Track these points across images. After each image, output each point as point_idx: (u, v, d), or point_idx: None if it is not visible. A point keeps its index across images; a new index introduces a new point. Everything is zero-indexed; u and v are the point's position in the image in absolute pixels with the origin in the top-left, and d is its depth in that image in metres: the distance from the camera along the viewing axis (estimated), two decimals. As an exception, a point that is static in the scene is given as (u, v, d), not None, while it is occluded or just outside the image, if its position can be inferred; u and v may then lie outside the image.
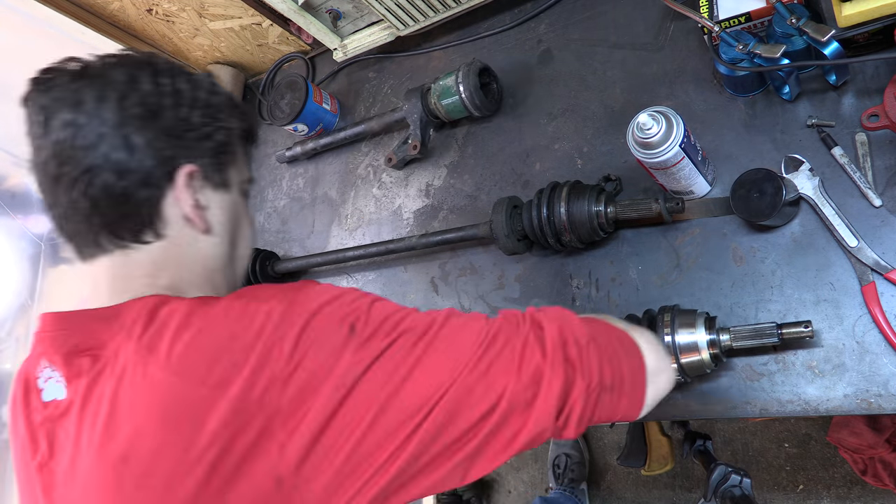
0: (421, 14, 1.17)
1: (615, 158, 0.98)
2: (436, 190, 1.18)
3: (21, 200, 1.72)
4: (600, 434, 1.86)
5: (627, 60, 1.01)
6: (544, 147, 1.06)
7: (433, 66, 1.26)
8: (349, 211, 1.29)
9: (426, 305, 1.12)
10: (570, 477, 1.76)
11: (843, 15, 0.70)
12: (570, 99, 1.06)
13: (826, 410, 0.75)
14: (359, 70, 1.39)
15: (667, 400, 0.85)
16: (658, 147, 0.77)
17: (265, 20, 1.37)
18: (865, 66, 0.81)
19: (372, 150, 1.31)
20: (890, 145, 0.78)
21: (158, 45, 1.49)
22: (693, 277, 0.87)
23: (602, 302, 0.94)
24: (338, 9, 1.26)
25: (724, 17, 0.83)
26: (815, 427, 1.57)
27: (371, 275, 1.22)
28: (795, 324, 0.73)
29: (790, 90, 0.82)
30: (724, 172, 0.88)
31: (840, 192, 0.79)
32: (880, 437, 1.32)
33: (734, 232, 0.86)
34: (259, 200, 1.46)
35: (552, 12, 1.12)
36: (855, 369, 0.74)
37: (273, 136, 1.50)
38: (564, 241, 0.92)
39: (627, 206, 0.87)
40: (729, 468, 1.16)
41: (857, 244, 0.76)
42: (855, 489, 1.50)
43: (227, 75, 1.53)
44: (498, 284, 1.05)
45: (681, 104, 0.94)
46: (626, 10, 1.04)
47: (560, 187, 0.91)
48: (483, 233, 1.00)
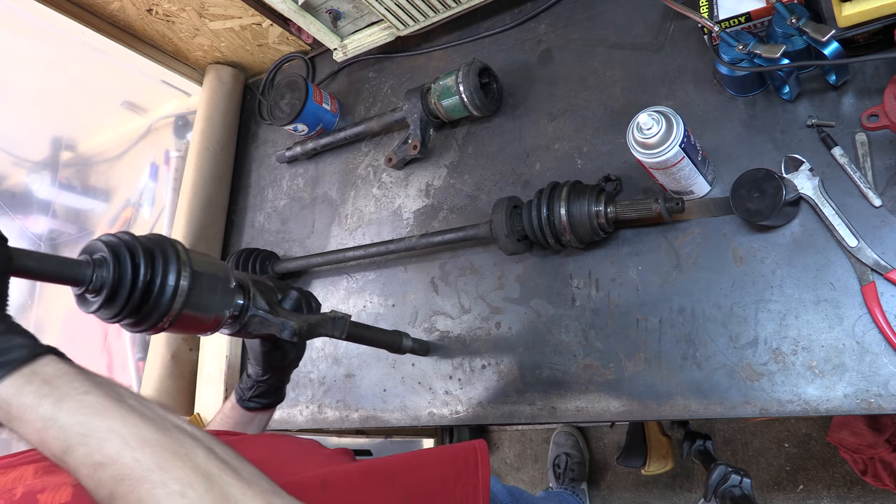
0: (421, 14, 1.17)
1: (615, 158, 0.98)
2: (436, 190, 1.18)
3: (21, 200, 1.72)
4: (600, 434, 1.86)
5: (627, 60, 1.01)
6: (544, 147, 1.07)
7: (433, 66, 1.26)
8: (349, 211, 1.29)
9: (426, 305, 1.12)
10: (571, 476, 1.76)
11: (843, 15, 0.70)
12: (570, 99, 1.06)
13: (826, 410, 0.75)
14: (359, 70, 1.39)
15: (667, 400, 0.85)
16: (658, 147, 0.77)
17: (265, 20, 1.37)
18: (865, 66, 0.81)
19: (372, 150, 1.31)
20: (890, 145, 0.78)
21: (158, 45, 1.49)
22: (693, 277, 0.87)
23: (602, 302, 0.94)
24: (338, 9, 1.26)
25: (724, 17, 0.83)
26: (815, 427, 1.57)
27: (371, 275, 1.22)
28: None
29: (790, 90, 0.82)
30: (724, 172, 0.88)
31: (840, 192, 0.79)
32: (880, 437, 1.32)
33: (734, 232, 0.86)
34: (259, 200, 1.46)
35: (552, 12, 1.12)
36: (855, 369, 0.74)
37: (273, 136, 1.50)
38: (564, 241, 0.92)
39: (627, 206, 0.87)
40: (729, 468, 1.16)
41: (857, 244, 0.76)
42: (855, 489, 1.50)
43: (227, 75, 1.53)
44: (498, 284, 1.05)
45: (681, 104, 0.94)
46: (626, 10, 1.04)
47: (560, 187, 0.91)
48: (483, 233, 1.00)
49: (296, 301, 0.76)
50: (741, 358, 0.81)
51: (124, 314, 0.55)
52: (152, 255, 0.57)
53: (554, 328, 0.97)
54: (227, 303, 0.64)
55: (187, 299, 0.58)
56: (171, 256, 0.57)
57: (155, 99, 1.70)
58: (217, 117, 1.48)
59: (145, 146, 1.74)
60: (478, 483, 0.82)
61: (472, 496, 0.81)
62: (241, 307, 0.66)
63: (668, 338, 0.87)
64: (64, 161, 1.77)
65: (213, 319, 0.62)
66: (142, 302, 0.56)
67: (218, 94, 1.50)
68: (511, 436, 2.02)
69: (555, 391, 0.95)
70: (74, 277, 0.53)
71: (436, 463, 0.81)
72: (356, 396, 1.16)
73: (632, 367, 0.89)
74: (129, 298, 0.55)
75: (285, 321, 0.69)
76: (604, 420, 0.92)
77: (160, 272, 0.56)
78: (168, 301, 0.57)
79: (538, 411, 0.96)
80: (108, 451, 0.40)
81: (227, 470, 0.42)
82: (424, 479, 0.76)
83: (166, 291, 0.56)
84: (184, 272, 0.58)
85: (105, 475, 0.39)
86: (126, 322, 0.56)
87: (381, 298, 1.18)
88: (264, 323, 0.68)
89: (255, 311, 0.67)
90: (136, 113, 1.74)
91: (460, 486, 0.80)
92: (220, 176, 1.46)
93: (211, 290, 0.61)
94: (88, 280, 0.53)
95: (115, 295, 0.54)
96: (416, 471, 0.77)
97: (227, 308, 0.63)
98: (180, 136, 1.68)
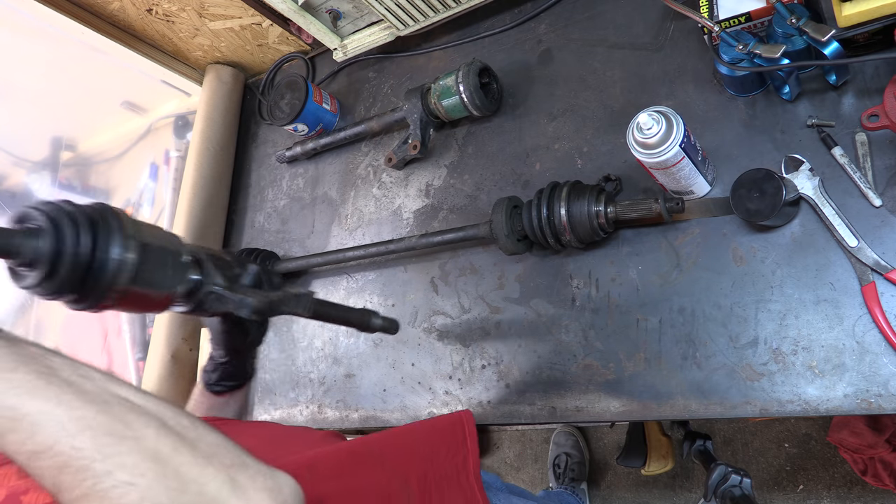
0: (421, 14, 1.17)
1: (615, 158, 0.98)
2: (436, 190, 1.18)
3: (21, 200, 1.72)
4: (600, 434, 1.86)
5: (627, 60, 1.01)
6: (544, 147, 1.06)
7: (433, 66, 1.26)
8: (349, 211, 1.29)
9: (426, 305, 1.12)
10: (571, 476, 1.76)
11: (843, 15, 0.70)
12: (570, 99, 1.06)
13: (826, 410, 0.75)
14: (359, 70, 1.39)
15: (667, 400, 0.85)
16: (658, 147, 0.77)
17: (265, 20, 1.37)
18: (865, 66, 0.81)
19: (372, 150, 1.31)
20: (890, 145, 0.78)
21: (158, 45, 1.49)
22: (693, 277, 0.87)
23: (602, 302, 0.94)
24: (338, 9, 1.26)
25: (724, 17, 0.83)
26: (815, 427, 1.57)
27: (371, 275, 1.22)
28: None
29: (790, 90, 0.82)
30: (724, 172, 0.88)
31: (840, 192, 0.79)
32: (880, 437, 1.32)
33: (734, 232, 0.86)
34: (259, 200, 1.46)
35: (552, 12, 1.12)
36: (855, 369, 0.74)
37: (273, 136, 1.50)
38: (564, 241, 0.92)
39: (627, 206, 0.87)
40: (729, 468, 1.16)
41: (857, 244, 0.76)
42: (855, 489, 1.50)
43: (227, 75, 1.53)
44: (498, 284, 1.05)
45: (681, 104, 0.94)
46: (626, 10, 1.04)
47: (560, 187, 0.91)
48: (483, 233, 1.00)
49: (255, 276, 0.70)
50: (741, 358, 0.81)
51: (65, 291, 0.50)
52: (94, 224, 0.51)
53: (554, 328, 0.97)
54: (179, 278, 0.58)
55: (135, 274, 0.52)
56: (113, 227, 0.52)
57: (155, 99, 1.70)
58: (217, 117, 1.48)
59: (145, 146, 1.74)
60: (467, 453, 0.82)
61: (463, 465, 0.81)
62: (195, 283, 0.61)
63: (668, 338, 0.87)
64: (64, 161, 1.78)
65: (165, 297, 0.57)
66: (84, 277, 0.50)
67: (218, 94, 1.50)
68: (511, 436, 2.02)
69: (555, 391, 0.95)
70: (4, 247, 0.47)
71: (425, 439, 0.81)
72: (356, 396, 1.16)
73: (632, 367, 0.89)
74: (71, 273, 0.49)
75: (244, 297, 0.63)
76: (604, 420, 0.92)
77: (104, 242, 0.51)
78: (111, 276, 0.51)
79: (538, 411, 0.96)
80: (43, 439, 0.35)
81: (181, 447, 0.38)
82: (414, 456, 0.75)
83: (109, 265, 0.51)
84: (130, 244, 0.52)
85: (43, 465, 0.35)
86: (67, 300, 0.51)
87: (381, 298, 1.18)
88: (221, 300, 0.63)
89: (210, 288, 0.62)
90: (136, 113, 1.74)
91: (450, 457, 0.80)
92: (220, 176, 1.46)
93: (161, 265, 0.56)
94: (18, 251, 0.47)
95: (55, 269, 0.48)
96: (406, 449, 0.76)
97: (178, 284, 0.58)
98: (180, 136, 1.68)
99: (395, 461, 0.72)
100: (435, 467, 0.76)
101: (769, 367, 0.79)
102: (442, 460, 0.78)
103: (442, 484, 0.76)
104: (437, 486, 0.75)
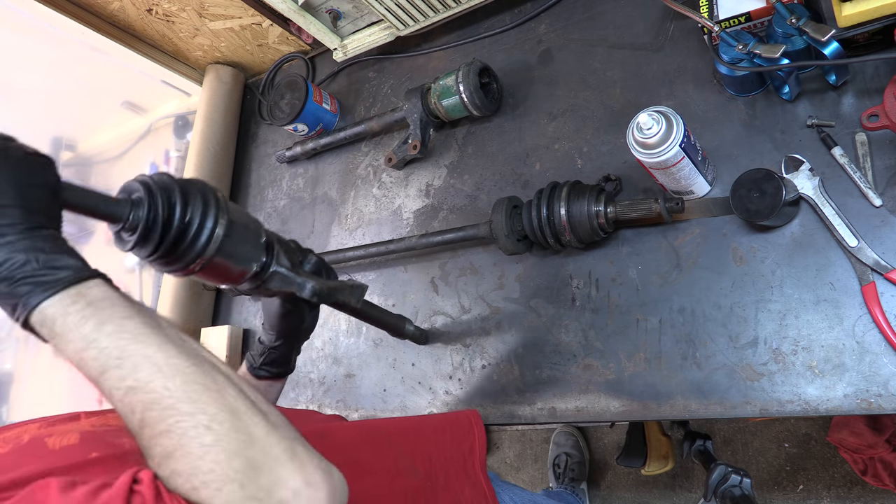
0: (421, 14, 1.17)
1: (615, 158, 0.98)
2: (436, 190, 1.18)
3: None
4: (600, 434, 1.86)
5: (627, 60, 1.01)
6: (544, 147, 1.06)
7: (433, 66, 1.26)
8: (349, 211, 1.29)
9: (426, 305, 1.12)
10: (571, 476, 1.76)
11: (843, 15, 0.70)
12: (570, 99, 1.06)
13: (826, 410, 0.75)
14: (359, 70, 1.39)
15: (667, 400, 0.85)
16: (658, 147, 0.77)
17: (265, 20, 1.37)
18: (865, 66, 0.81)
19: (372, 150, 1.31)
20: (890, 145, 0.78)
21: (158, 45, 1.49)
22: (693, 277, 0.87)
23: (602, 302, 0.94)
24: (338, 9, 1.26)
25: (724, 17, 0.83)
26: (815, 427, 1.57)
27: (371, 275, 1.22)
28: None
29: (790, 90, 0.82)
30: (724, 172, 0.88)
31: (840, 192, 0.79)
32: (880, 437, 1.32)
33: (734, 232, 0.86)
34: (259, 200, 1.46)
35: (552, 12, 1.12)
36: (855, 369, 0.74)
37: (273, 136, 1.50)
38: (564, 241, 0.92)
39: (627, 206, 0.87)
40: (729, 468, 1.16)
41: (857, 244, 0.76)
42: (855, 489, 1.50)
43: (227, 75, 1.53)
44: (498, 284, 1.05)
45: (681, 104, 0.94)
46: (625, 10, 1.04)
47: (560, 187, 0.91)
48: (483, 233, 1.00)
49: (316, 265, 0.76)
50: (741, 358, 0.81)
51: (159, 253, 0.56)
52: (188, 197, 0.57)
53: (554, 328, 0.97)
54: (256, 255, 0.65)
55: (221, 246, 0.59)
56: (210, 201, 0.58)
57: (155, 99, 1.71)
58: (217, 117, 1.48)
59: (145, 146, 1.74)
60: (474, 441, 0.85)
61: (469, 452, 0.82)
62: (265, 263, 0.67)
63: (668, 338, 0.87)
64: (64, 161, 1.78)
65: (241, 271, 0.63)
66: (176, 243, 0.56)
67: (218, 94, 1.50)
68: (511, 436, 2.02)
69: (555, 391, 0.95)
70: (111, 214, 0.54)
71: (431, 427, 0.84)
72: (356, 396, 1.16)
73: (632, 367, 0.89)
74: (163, 238, 0.56)
75: (306, 280, 0.69)
76: (604, 420, 0.92)
77: (199, 215, 0.57)
78: (203, 245, 0.57)
79: (538, 411, 0.96)
80: (141, 377, 0.40)
81: (254, 411, 0.43)
82: (421, 439, 0.79)
83: (202, 235, 0.57)
84: (221, 219, 0.58)
85: (135, 399, 0.40)
86: (159, 262, 0.58)
87: (382, 298, 1.18)
88: (285, 280, 0.68)
89: (276, 268, 0.68)
90: (136, 113, 1.74)
91: (456, 444, 0.83)
92: (220, 176, 1.46)
93: (243, 241, 0.62)
94: (125, 218, 0.54)
95: (148, 234, 0.55)
96: (411, 432, 0.80)
97: (254, 261, 0.64)
98: (180, 136, 1.68)
99: (402, 442, 0.75)
100: (441, 450, 0.79)
101: (769, 367, 0.79)
102: (447, 445, 0.81)
103: (448, 466, 0.78)
104: (442, 469, 0.77)
